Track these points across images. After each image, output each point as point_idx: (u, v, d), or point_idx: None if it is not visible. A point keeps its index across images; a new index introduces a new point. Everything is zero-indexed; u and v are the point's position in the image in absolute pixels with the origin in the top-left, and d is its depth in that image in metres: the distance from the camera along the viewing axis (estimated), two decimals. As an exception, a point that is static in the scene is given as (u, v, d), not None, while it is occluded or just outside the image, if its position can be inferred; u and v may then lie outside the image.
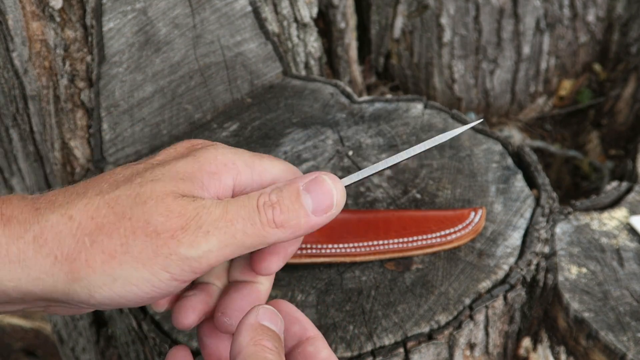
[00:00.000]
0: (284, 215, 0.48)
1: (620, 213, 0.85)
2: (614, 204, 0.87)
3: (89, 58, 0.91)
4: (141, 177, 0.49)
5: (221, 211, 0.48)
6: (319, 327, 0.72)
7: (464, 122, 0.95)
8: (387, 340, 0.71)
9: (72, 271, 0.47)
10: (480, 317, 0.74)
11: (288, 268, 0.79)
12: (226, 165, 0.51)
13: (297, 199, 0.49)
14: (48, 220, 0.47)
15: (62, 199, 0.48)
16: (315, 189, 0.50)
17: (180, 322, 0.54)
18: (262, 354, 0.45)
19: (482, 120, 0.60)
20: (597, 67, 1.45)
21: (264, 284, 0.56)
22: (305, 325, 0.52)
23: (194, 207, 0.47)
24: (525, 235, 0.80)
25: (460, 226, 0.79)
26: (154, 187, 0.48)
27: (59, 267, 0.47)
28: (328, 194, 0.50)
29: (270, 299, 0.58)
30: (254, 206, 0.48)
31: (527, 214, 0.82)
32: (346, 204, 0.85)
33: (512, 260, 0.78)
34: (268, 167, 0.53)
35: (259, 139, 0.95)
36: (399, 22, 1.36)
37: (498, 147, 0.91)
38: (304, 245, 0.78)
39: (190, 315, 0.54)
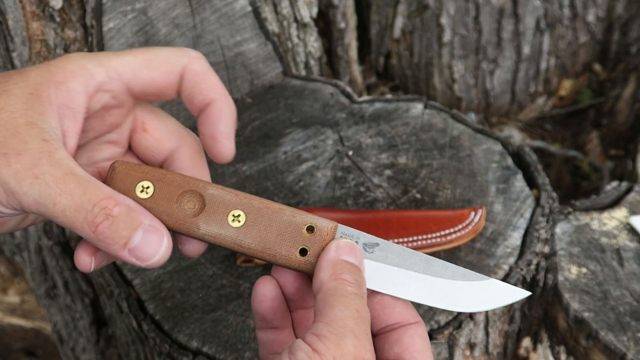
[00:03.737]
0: (109, 232, 0.48)
1: (620, 213, 0.85)
2: (614, 204, 0.87)
3: (89, 58, 0.92)
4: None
5: (62, 175, 0.47)
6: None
7: (464, 122, 0.95)
8: (387, 340, 0.71)
9: None
10: (480, 317, 0.74)
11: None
12: (74, 72, 0.51)
13: (131, 229, 0.48)
14: None
15: None
16: (151, 239, 0.49)
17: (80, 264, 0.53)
18: (343, 287, 0.48)
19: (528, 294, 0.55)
20: (597, 67, 1.45)
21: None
22: (402, 311, 0.52)
23: (40, 149, 0.47)
24: (525, 235, 0.80)
25: (460, 226, 0.79)
26: (8, 100, 0.48)
27: None
28: (155, 248, 0.49)
29: None
30: (93, 201, 0.48)
31: (527, 214, 0.82)
32: (346, 204, 0.85)
33: (512, 260, 0.78)
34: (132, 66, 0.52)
35: (259, 139, 0.95)
36: (399, 22, 1.36)
37: (498, 147, 0.91)
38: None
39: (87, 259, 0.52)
